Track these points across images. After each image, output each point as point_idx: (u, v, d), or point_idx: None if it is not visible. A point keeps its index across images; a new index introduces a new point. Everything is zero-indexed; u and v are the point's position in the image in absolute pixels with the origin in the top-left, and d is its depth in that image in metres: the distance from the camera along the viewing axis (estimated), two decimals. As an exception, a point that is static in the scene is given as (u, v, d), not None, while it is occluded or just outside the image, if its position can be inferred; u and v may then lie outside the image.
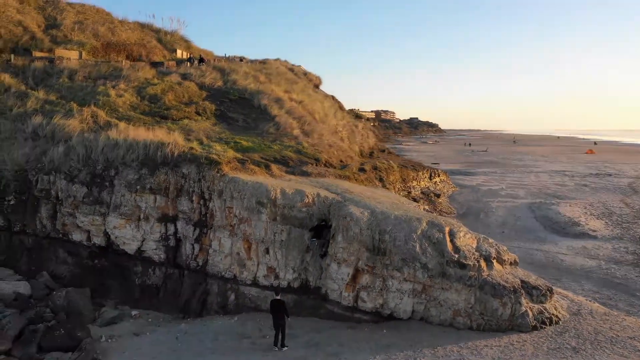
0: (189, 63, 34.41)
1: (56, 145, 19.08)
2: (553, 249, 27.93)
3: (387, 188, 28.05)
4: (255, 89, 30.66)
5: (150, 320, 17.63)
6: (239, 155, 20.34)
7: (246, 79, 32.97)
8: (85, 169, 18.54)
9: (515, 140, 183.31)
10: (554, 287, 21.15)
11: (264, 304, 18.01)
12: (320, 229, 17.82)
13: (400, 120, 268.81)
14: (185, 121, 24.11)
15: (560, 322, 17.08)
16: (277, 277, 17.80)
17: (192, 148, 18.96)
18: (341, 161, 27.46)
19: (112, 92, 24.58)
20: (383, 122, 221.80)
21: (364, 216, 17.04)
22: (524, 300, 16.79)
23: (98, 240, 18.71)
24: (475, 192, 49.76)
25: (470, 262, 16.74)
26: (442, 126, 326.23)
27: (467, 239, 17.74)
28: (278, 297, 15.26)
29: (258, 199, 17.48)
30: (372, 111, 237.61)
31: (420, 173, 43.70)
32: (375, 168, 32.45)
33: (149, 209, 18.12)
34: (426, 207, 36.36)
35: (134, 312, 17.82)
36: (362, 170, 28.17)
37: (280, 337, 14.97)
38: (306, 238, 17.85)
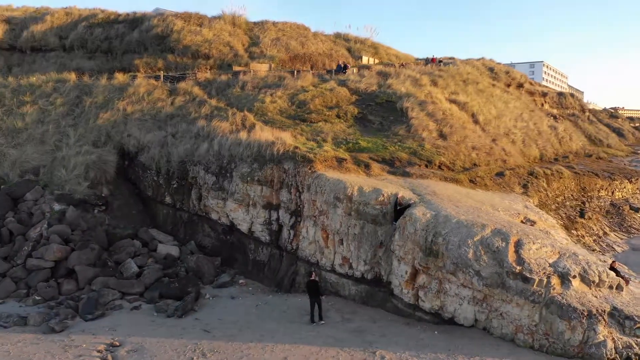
0: (356, 70, 37.39)
1: (203, 143, 24.32)
2: None
3: (529, 195, 26.04)
4: (405, 92, 31.81)
5: (250, 289, 21.26)
6: (342, 155, 22.40)
7: (403, 82, 34.26)
8: (216, 162, 23.27)
9: None
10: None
11: (342, 290, 19.87)
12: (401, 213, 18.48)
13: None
14: (320, 124, 27.14)
15: (656, 364, 14.69)
16: (350, 267, 19.41)
17: (296, 147, 21.86)
18: (474, 164, 26.80)
19: (268, 99, 29.20)
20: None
21: (424, 217, 17.40)
22: (601, 328, 15.05)
23: (224, 219, 23.27)
24: None
25: (535, 277, 15.69)
26: None
27: (541, 252, 16.51)
28: (312, 278, 17.10)
29: (336, 194, 19.37)
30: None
31: (618, 183, 37.90)
32: (531, 174, 30.12)
33: (256, 197, 21.76)
34: (601, 222, 31.70)
35: (240, 280, 21.71)
36: (500, 174, 26.88)
37: (317, 312, 16.86)
38: (379, 234, 18.98)
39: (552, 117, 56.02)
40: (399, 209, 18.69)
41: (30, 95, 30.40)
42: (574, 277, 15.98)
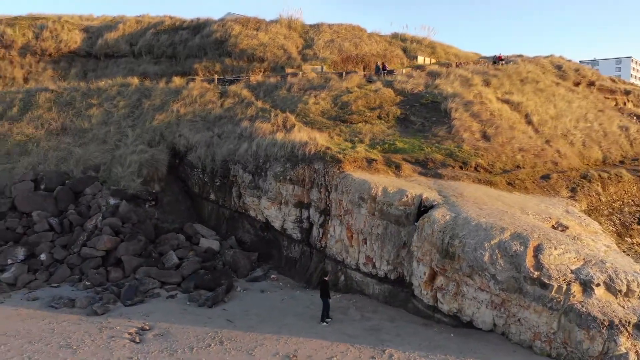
0: (407, 70, 37.22)
1: (244, 143, 25.48)
2: None
3: (576, 199, 24.86)
4: (451, 92, 31.35)
5: (280, 284, 22.09)
6: (374, 156, 22.66)
7: (452, 82, 33.72)
8: (253, 161, 24.33)
9: None
10: None
11: (366, 289, 20.22)
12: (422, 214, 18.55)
13: None
14: (360, 125, 27.46)
15: (686, 381, 13.90)
16: (374, 266, 19.70)
17: (328, 148, 22.40)
18: (517, 166, 26.00)
19: (311, 101, 29.93)
20: None
21: (442, 219, 17.37)
22: (623, 340, 14.49)
23: (260, 217, 24.30)
24: None
25: (553, 283, 15.33)
26: None
27: (563, 258, 16.03)
28: (325, 279, 17.50)
29: (360, 194, 19.73)
30: None
31: (692, 188, 34.99)
32: (584, 177, 28.65)
33: (288, 196, 22.56)
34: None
35: (272, 275, 22.60)
36: (545, 177, 25.89)
37: (323, 312, 17.25)
38: (403, 235, 19.11)
39: (634, 117, 52.53)
40: (423, 209, 18.74)
41: (97, 99, 33.22)
42: (598, 285, 15.36)
